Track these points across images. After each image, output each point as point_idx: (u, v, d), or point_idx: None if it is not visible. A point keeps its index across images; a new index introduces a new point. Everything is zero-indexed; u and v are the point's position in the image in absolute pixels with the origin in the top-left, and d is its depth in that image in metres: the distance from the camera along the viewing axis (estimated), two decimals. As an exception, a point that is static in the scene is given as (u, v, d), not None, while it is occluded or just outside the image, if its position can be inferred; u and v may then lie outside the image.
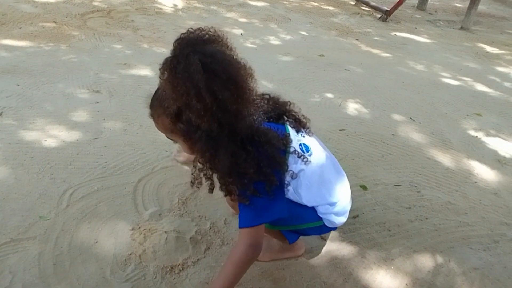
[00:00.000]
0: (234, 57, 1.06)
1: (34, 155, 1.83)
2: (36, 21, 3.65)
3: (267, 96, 1.25)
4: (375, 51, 4.25)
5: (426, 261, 1.51)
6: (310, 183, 1.25)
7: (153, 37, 3.74)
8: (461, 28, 5.83)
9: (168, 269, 1.34)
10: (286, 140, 1.17)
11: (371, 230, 1.63)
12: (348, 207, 1.36)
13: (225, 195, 1.13)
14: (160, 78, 1.04)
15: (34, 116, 2.15)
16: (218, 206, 1.65)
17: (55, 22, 3.72)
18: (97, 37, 3.51)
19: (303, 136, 1.28)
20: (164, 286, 1.29)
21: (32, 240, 1.40)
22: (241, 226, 1.14)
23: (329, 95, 2.92)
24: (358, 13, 5.87)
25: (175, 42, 1.04)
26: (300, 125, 1.29)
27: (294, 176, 1.19)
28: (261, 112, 1.18)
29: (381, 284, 1.40)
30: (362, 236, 1.60)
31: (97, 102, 2.38)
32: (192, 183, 1.18)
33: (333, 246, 1.52)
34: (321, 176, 1.28)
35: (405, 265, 1.49)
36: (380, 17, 5.76)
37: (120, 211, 1.57)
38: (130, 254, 1.38)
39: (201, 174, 1.15)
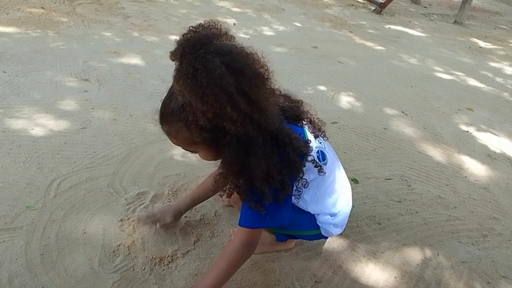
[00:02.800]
0: (244, 47, 0.95)
1: (21, 144, 1.79)
2: (23, 7, 3.57)
3: (278, 92, 1.12)
4: (368, 43, 4.24)
5: (415, 255, 1.52)
6: (319, 192, 1.22)
7: (143, 25, 3.68)
8: (455, 22, 5.84)
9: (157, 260, 1.33)
10: (307, 147, 1.08)
11: (361, 223, 1.63)
12: (346, 220, 1.35)
13: (243, 199, 1.06)
14: (178, 91, 0.93)
15: (21, 104, 2.11)
16: (206, 199, 1.63)
17: (43, 8, 3.64)
18: (86, 24, 3.45)
19: (320, 143, 1.21)
20: (153, 278, 1.27)
21: (19, 230, 1.37)
22: (241, 224, 1.10)
23: (322, 88, 2.91)
24: (353, 5, 5.84)
25: (180, 45, 0.91)
26: (316, 129, 1.22)
27: (307, 185, 1.14)
28: (278, 109, 1.07)
29: (370, 277, 1.40)
30: (352, 229, 1.60)
31: (86, 91, 2.34)
32: (225, 192, 1.10)
33: (323, 239, 1.52)
34: (329, 186, 1.25)
35: (394, 258, 1.49)
36: (375, 9, 5.74)
37: (109, 201, 1.55)
38: (119, 245, 1.36)
39: (228, 181, 1.05)
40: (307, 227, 1.29)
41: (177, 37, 0.96)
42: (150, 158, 1.83)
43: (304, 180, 1.12)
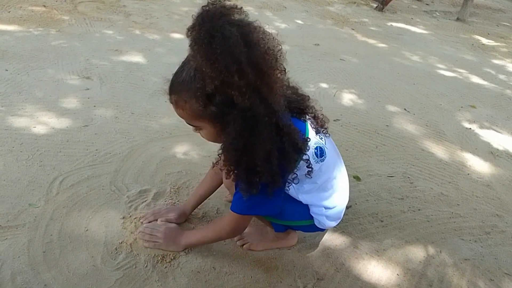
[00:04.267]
0: (261, 25, 0.98)
1: (23, 142, 1.80)
2: (25, 5, 3.57)
3: (287, 82, 1.12)
4: (371, 41, 4.22)
5: (417, 252, 1.52)
6: (313, 186, 1.23)
7: (145, 23, 3.68)
8: (458, 19, 5.81)
9: (159, 258, 1.33)
10: (304, 145, 1.09)
11: (363, 221, 1.63)
12: (341, 215, 1.35)
13: (233, 180, 1.07)
14: (191, 56, 0.95)
15: (23, 102, 2.11)
16: (210, 195, 1.63)
17: (44, 6, 3.64)
18: (88, 22, 3.44)
19: (321, 138, 1.21)
20: (155, 275, 1.27)
21: (22, 228, 1.37)
22: (232, 209, 1.17)
23: (324, 85, 2.90)
24: (354, 2, 5.82)
25: (199, 16, 0.94)
26: (319, 125, 1.22)
27: (296, 181, 1.14)
28: (283, 98, 1.06)
29: (372, 274, 1.40)
30: (354, 226, 1.59)
31: (88, 89, 2.34)
32: (227, 173, 1.06)
33: (325, 236, 1.52)
34: (327, 181, 1.26)
35: (397, 255, 1.49)
36: (377, 6, 5.71)
37: (111, 199, 1.55)
38: (121, 242, 1.37)
39: (228, 162, 1.03)
40: (301, 217, 1.30)
41: (178, 34, 0.97)
42: (152, 156, 1.83)
43: (295, 175, 1.13)
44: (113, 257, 1.31)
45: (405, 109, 2.69)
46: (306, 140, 1.11)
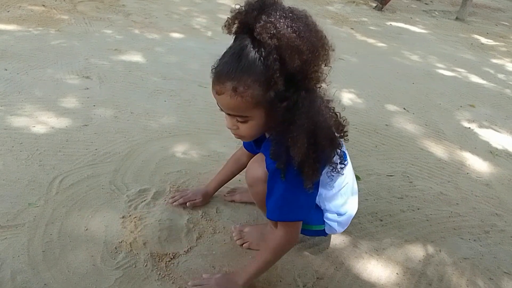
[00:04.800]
0: None
1: (22, 141, 1.79)
2: (24, 5, 3.57)
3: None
4: (370, 40, 4.23)
5: (417, 251, 1.52)
6: (330, 191, 1.25)
7: (145, 22, 3.67)
8: (457, 18, 5.82)
9: (159, 257, 1.33)
10: (339, 139, 1.10)
11: (363, 220, 1.63)
12: (350, 221, 1.37)
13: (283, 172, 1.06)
14: (270, 34, 0.92)
15: (23, 101, 2.11)
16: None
17: (44, 5, 3.64)
18: (87, 22, 3.44)
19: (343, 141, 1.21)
20: (155, 274, 1.27)
21: (21, 227, 1.37)
22: (276, 219, 1.16)
23: (323, 85, 2.90)
24: (354, 2, 5.82)
25: (255, 2, 0.97)
26: (340, 129, 1.19)
27: (332, 179, 1.18)
28: None
29: (372, 273, 1.40)
30: (354, 225, 1.59)
31: (87, 88, 2.34)
32: (279, 164, 1.05)
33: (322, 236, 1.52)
34: (344, 187, 1.29)
35: (396, 254, 1.49)
36: (376, 6, 5.72)
37: (111, 198, 1.55)
38: (121, 242, 1.37)
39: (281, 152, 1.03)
40: (315, 222, 1.31)
41: (178, 34, 0.98)
42: (152, 155, 1.83)
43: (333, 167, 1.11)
44: (113, 256, 1.31)
45: (404, 109, 2.69)
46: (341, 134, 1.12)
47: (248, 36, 0.99)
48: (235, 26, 1.03)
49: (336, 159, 1.11)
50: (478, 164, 2.17)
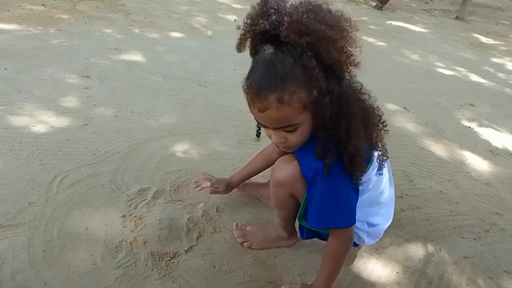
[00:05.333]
0: None
1: (22, 141, 1.79)
2: (24, 4, 3.57)
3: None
4: (370, 39, 4.23)
5: (417, 250, 1.52)
6: (366, 198, 1.22)
7: (145, 21, 3.67)
8: (457, 18, 5.82)
9: (159, 256, 1.33)
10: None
11: (363, 219, 1.63)
12: (382, 234, 1.35)
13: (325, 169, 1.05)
14: (301, 27, 0.91)
15: (23, 101, 2.11)
16: (210, 194, 1.63)
17: (43, 5, 3.64)
18: (87, 21, 3.44)
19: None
20: (155, 273, 1.28)
21: (21, 227, 1.37)
22: (328, 226, 1.15)
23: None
24: (354, 1, 5.82)
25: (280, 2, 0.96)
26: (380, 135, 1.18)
27: (369, 182, 1.16)
28: None
29: (372, 272, 1.40)
30: (354, 224, 1.59)
31: (87, 88, 2.34)
32: (328, 162, 1.03)
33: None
34: (378, 196, 1.25)
35: (397, 253, 1.49)
36: (376, 5, 5.71)
37: (111, 198, 1.55)
38: (121, 241, 1.37)
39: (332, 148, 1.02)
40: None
41: (178, 33, 0.97)
42: (152, 154, 1.83)
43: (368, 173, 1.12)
44: (113, 255, 1.31)
45: (404, 108, 2.69)
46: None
47: (271, 44, 0.96)
48: (251, 40, 1.01)
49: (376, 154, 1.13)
50: (478, 163, 2.17)
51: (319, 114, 1.00)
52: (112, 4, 3.96)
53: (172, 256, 1.34)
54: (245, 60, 1.09)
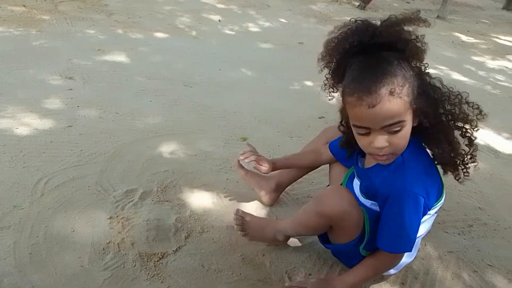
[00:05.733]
0: None
1: (5, 143, 1.76)
2: (4, 5, 3.50)
3: None
4: (353, 39, 4.27)
5: (403, 245, 1.54)
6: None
7: (128, 22, 3.64)
8: (438, 17, 5.91)
9: (147, 257, 1.32)
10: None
11: (350, 216, 1.65)
12: (418, 246, 1.36)
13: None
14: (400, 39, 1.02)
15: (5, 103, 2.07)
16: (197, 194, 1.63)
17: (24, 6, 3.58)
18: (69, 22, 3.40)
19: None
20: (143, 274, 1.27)
21: (7, 230, 1.35)
22: (393, 251, 1.16)
23: (309, 83, 2.92)
24: (337, 1, 5.88)
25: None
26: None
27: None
28: None
29: (360, 268, 1.42)
30: (341, 221, 1.61)
31: (71, 89, 2.31)
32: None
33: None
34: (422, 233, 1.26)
35: (383, 249, 1.51)
36: (359, 5, 5.78)
37: (97, 199, 1.53)
38: (108, 242, 1.35)
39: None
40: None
41: (162, 33, 0.98)
42: (138, 155, 1.82)
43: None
44: (101, 257, 1.30)
45: (388, 106, 2.73)
46: None
47: (363, 55, 1.02)
48: (339, 56, 1.08)
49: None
50: (460, 159, 2.21)
51: (420, 113, 1.04)
52: (94, 5, 3.92)
53: (161, 256, 1.34)
54: (229, 60, 1.10)
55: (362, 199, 1.24)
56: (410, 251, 1.16)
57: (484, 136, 2.53)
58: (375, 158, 1.10)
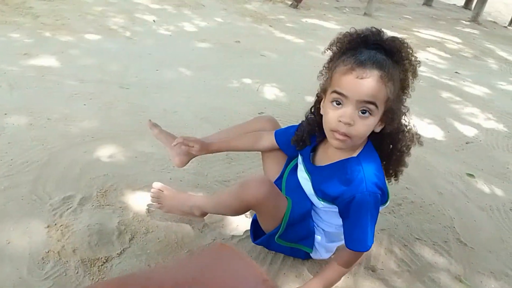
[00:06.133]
0: None
1: None
2: None
3: None
4: (288, 37, 4.41)
5: (341, 228, 1.64)
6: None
7: (56, 24, 3.48)
8: (365, 14, 6.26)
9: (91, 262, 1.30)
10: None
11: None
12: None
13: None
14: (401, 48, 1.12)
15: None
16: (140, 195, 1.62)
17: None
18: (-9, 25, 3.18)
19: None
20: (87, 280, 1.24)
21: None
22: (361, 249, 1.22)
23: (247, 81, 2.98)
24: (271, 0, 6.01)
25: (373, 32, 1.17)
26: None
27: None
28: None
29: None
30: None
31: (-4, 96, 2.18)
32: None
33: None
34: None
35: (323, 233, 1.60)
36: (291, 4, 5.95)
37: (33, 209, 1.47)
38: (48, 251, 1.31)
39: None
40: (306, 243, 1.35)
41: (94, 35, 0.97)
42: (74, 161, 1.77)
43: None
44: (40, 267, 1.26)
45: (323, 99, 2.86)
46: None
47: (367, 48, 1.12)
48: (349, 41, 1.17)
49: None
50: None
51: (389, 118, 1.13)
52: (18, 7, 3.69)
53: (105, 260, 1.32)
54: (166, 60, 1.12)
55: (315, 199, 1.29)
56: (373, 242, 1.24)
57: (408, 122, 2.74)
58: (333, 136, 1.14)
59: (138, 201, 1.59)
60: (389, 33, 1.21)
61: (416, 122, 2.69)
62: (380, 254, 1.54)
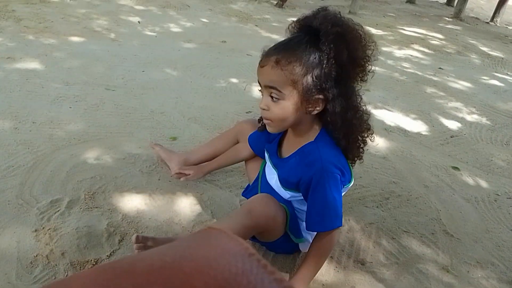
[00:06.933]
0: None
1: None
2: None
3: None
4: (274, 36, 4.42)
5: (330, 223, 1.66)
6: None
7: (39, 27, 3.44)
8: (350, 12, 6.31)
9: (80, 265, 1.29)
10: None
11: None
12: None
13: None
14: (334, 26, 1.08)
15: None
16: (129, 197, 1.61)
17: None
18: (-28, 29, 3.13)
19: None
20: (77, 283, 1.24)
21: None
22: (325, 229, 1.21)
23: (234, 80, 2.99)
24: (256, 0, 6.02)
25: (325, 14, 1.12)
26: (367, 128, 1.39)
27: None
28: None
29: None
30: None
31: (-21, 101, 2.14)
32: None
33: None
34: None
35: (312, 229, 1.62)
36: (277, 3, 5.97)
37: (19, 213, 1.46)
38: (36, 255, 1.30)
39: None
40: (295, 233, 1.36)
41: (77, 37, 0.97)
42: (61, 164, 1.75)
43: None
44: (29, 271, 1.25)
45: (309, 97, 2.88)
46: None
47: (305, 33, 1.12)
48: (296, 26, 1.16)
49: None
50: (375, 141, 2.41)
51: (306, 101, 1.11)
52: (0, 11, 3.64)
53: (94, 263, 1.31)
54: (152, 61, 1.12)
55: (282, 191, 1.30)
56: (341, 225, 1.22)
57: (394, 118, 2.78)
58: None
59: (127, 203, 1.58)
60: (373, 31, 1.23)
61: (401, 117, 2.76)
62: (369, 248, 1.56)
